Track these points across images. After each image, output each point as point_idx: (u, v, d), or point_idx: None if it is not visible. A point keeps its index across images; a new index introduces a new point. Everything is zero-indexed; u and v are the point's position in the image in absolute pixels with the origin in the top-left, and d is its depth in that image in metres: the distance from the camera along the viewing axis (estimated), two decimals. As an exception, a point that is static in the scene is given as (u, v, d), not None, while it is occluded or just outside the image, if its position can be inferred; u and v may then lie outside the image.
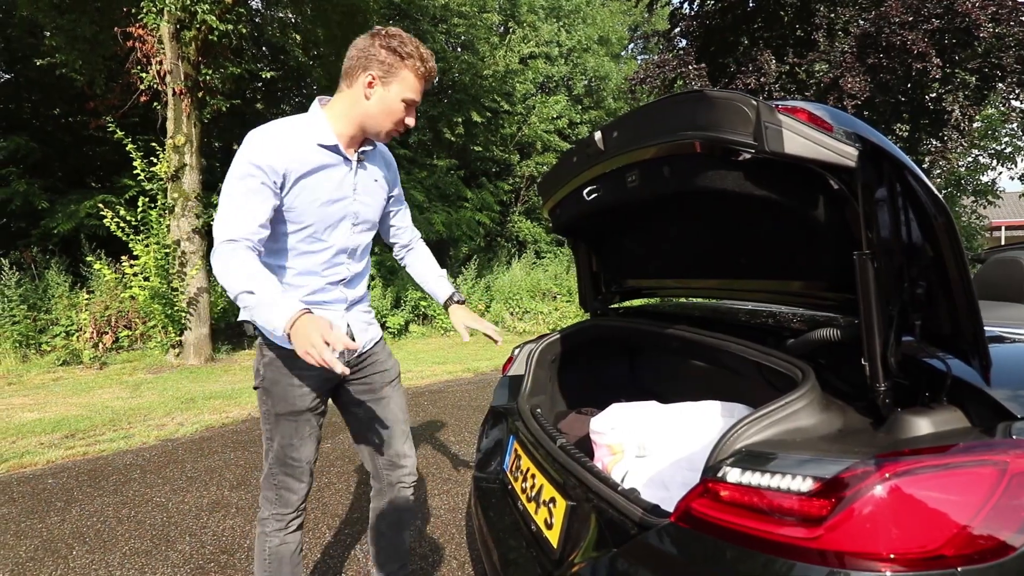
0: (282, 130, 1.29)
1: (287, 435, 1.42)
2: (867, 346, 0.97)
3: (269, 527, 1.48)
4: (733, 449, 0.93)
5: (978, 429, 0.90)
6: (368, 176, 1.44)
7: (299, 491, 1.48)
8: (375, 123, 1.33)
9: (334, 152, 1.34)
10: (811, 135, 0.93)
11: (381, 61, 1.27)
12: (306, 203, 1.32)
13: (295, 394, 1.40)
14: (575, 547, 1.15)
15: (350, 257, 1.45)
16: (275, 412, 1.41)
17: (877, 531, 0.76)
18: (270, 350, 1.38)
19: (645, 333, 1.84)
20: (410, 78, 1.30)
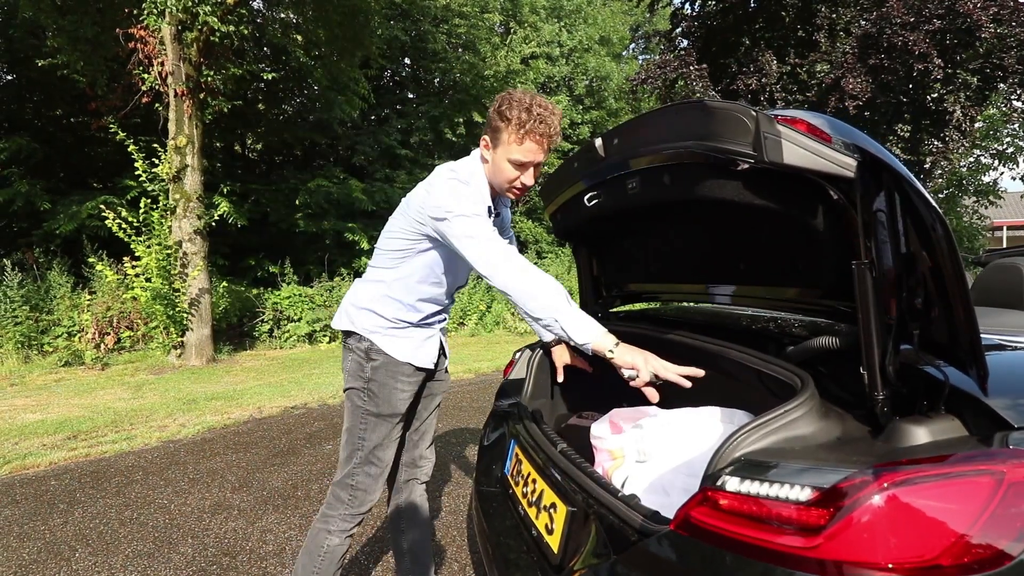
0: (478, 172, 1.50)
1: (382, 435, 1.53)
2: (865, 355, 0.97)
3: (335, 525, 1.53)
4: (732, 457, 0.93)
5: (976, 438, 0.91)
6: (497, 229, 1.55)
7: (375, 493, 1.56)
8: (493, 182, 1.49)
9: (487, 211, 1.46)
10: (810, 146, 0.93)
11: (492, 126, 1.42)
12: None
13: (398, 398, 1.52)
14: (575, 553, 1.16)
15: (458, 291, 1.68)
16: (377, 412, 1.51)
17: (875, 540, 0.77)
18: (378, 356, 1.50)
19: (646, 338, 1.84)
20: (509, 141, 1.38)
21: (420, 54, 12.76)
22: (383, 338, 1.51)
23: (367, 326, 1.51)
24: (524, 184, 1.46)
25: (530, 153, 1.39)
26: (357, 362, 1.51)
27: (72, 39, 6.76)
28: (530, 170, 1.43)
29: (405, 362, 1.51)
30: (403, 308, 1.52)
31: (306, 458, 3.41)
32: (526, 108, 1.34)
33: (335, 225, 9.60)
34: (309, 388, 5.34)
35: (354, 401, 1.53)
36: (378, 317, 1.51)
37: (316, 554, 1.54)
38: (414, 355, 1.54)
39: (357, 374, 1.52)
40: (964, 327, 0.91)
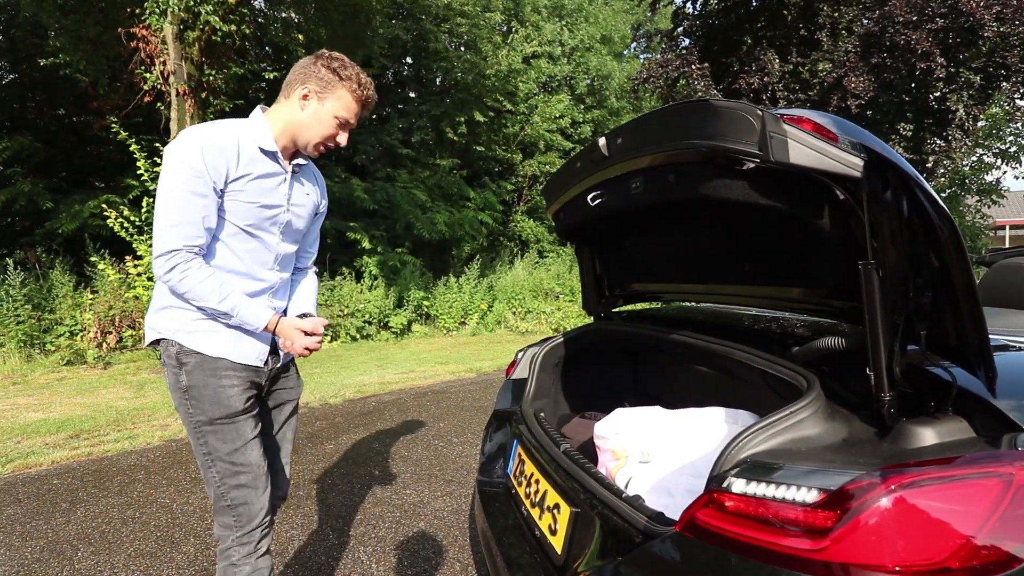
0: (226, 132, 1.31)
1: (228, 441, 1.35)
2: (872, 356, 0.97)
3: (236, 556, 1.37)
4: (738, 459, 0.93)
5: (983, 440, 0.90)
6: (302, 190, 1.48)
7: (259, 501, 1.38)
8: (305, 134, 1.38)
9: (273, 159, 1.37)
10: (816, 145, 0.93)
11: (320, 78, 1.35)
12: (241, 205, 1.34)
13: (227, 395, 1.35)
14: (579, 554, 1.16)
15: (278, 265, 1.46)
16: (210, 419, 1.34)
17: (882, 543, 0.76)
18: (189, 357, 1.33)
19: (649, 338, 1.84)
20: (346, 97, 1.36)
21: (421, 53, 12.75)
22: (190, 336, 1.33)
23: (171, 327, 1.34)
24: (339, 143, 1.42)
25: (354, 114, 1.39)
26: (172, 372, 1.35)
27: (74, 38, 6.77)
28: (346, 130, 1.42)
29: (220, 357, 1.34)
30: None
31: (307, 458, 3.41)
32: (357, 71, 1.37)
33: (336, 224, 9.59)
34: (310, 387, 5.34)
35: (185, 416, 1.36)
36: (180, 312, 1.34)
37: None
38: (231, 350, 1.36)
39: (176, 386, 1.35)
40: (972, 327, 0.91)
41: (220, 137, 1.29)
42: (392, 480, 3.04)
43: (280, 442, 1.58)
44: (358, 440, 3.75)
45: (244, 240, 1.37)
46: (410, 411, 4.51)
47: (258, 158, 1.34)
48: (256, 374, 1.42)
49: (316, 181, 1.56)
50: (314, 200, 1.53)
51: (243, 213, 1.34)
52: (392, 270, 9.68)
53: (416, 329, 9.31)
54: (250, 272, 1.40)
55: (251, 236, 1.38)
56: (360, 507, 2.72)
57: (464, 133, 12.44)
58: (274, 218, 1.40)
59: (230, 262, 1.37)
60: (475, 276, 10.33)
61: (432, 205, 11.15)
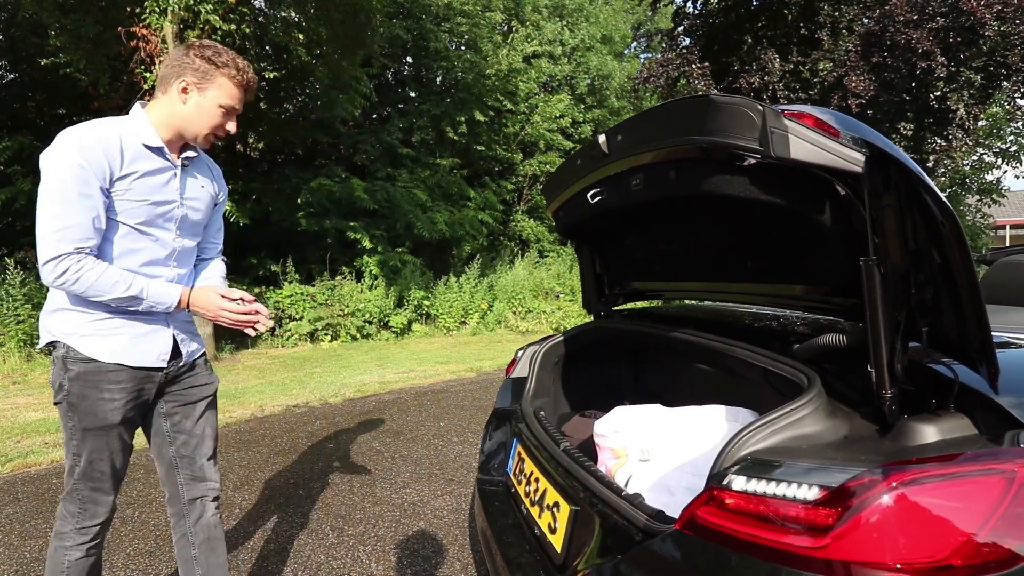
0: (106, 129, 1.29)
1: (97, 450, 1.37)
2: (873, 353, 0.96)
3: (70, 541, 1.41)
4: (738, 456, 0.92)
5: (985, 437, 0.89)
6: (195, 183, 1.47)
7: (106, 504, 1.43)
8: (192, 127, 1.37)
9: (159, 155, 1.37)
10: (817, 140, 0.92)
11: (196, 69, 1.33)
12: (130, 204, 1.32)
13: (105, 408, 1.35)
14: (579, 553, 1.15)
15: (176, 261, 1.46)
16: (82, 427, 1.35)
17: (884, 541, 0.76)
18: (75, 364, 1.32)
19: (649, 336, 1.83)
20: (226, 84, 1.35)
21: (422, 53, 12.74)
22: (83, 340, 1.32)
23: (64, 329, 1.33)
24: (228, 131, 1.42)
25: (238, 100, 1.39)
26: (57, 373, 1.35)
27: (74, 38, 6.76)
28: (233, 117, 1.41)
29: (114, 363, 1.34)
30: None
31: (307, 456, 3.41)
32: (232, 56, 1.36)
33: (337, 224, 9.58)
34: (311, 387, 5.34)
35: (61, 414, 1.38)
36: (73, 314, 1.33)
37: (58, 572, 1.42)
38: (127, 354, 1.35)
39: (58, 387, 1.35)
40: (975, 324, 0.90)
41: (100, 135, 1.27)
42: (392, 479, 3.04)
43: (200, 438, 1.57)
44: (358, 439, 3.75)
45: (137, 239, 1.36)
46: (410, 410, 4.50)
47: (143, 154, 1.33)
48: (151, 378, 1.42)
49: (211, 172, 1.55)
50: (210, 192, 1.53)
51: (134, 211, 1.33)
52: (392, 270, 9.67)
53: (416, 329, 9.31)
54: (145, 271, 1.38)
55: (144, 234, 1.37)
56: (360, 506, 2.71)
57: (464, 133, 12.42)
58: (168, 214, 1.40)
59: (123, 262, 1.35)
60: (475, 276, 10.32)
61: (432, 205, 11.14)
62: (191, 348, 1.53)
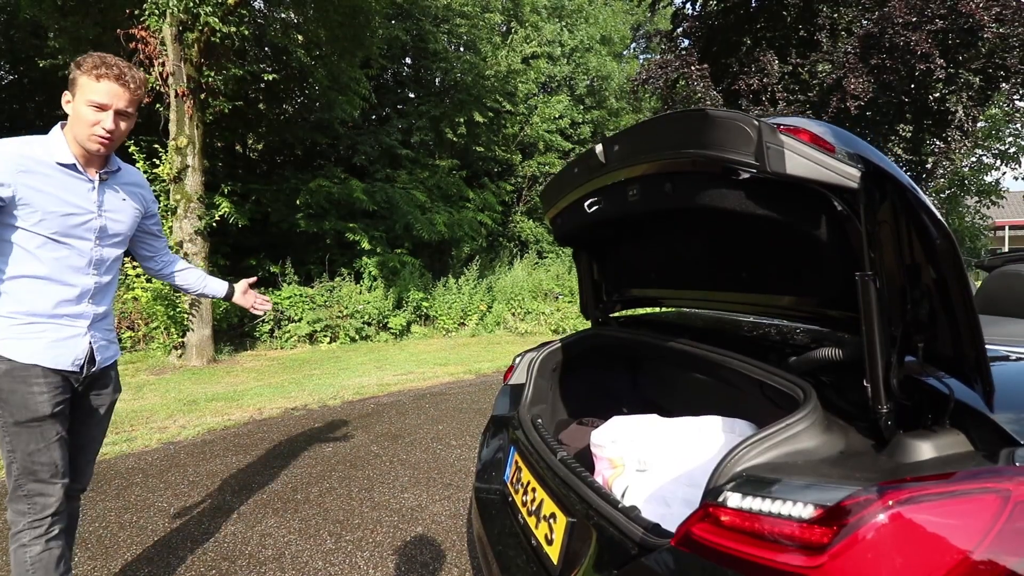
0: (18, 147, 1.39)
1: (32, 442, 1.44)
2: (869, 367, 0.96)
3: (27, 537, 1.47)
4: (734, 472, 0.92)
5: (981, 454, 0.89)
6: (115, 195, 1.58)
7: (54, 493, 1.49)
8: (77, 132, 1.45)
9: (72, 170, 1.46)
10: (813, 156, 0.92)
11: (70, 80, 1.44)
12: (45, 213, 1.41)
13: (36, 400, 1.43)
14: (575, 565, 1.15)
15: (96, 269, 1.55)
16: (15, 421, 1.43)
17: (880, 559, 0.76)
18: (1, 362, 1.41)
19: (647, 344, 1.83)
20: (87, 82, 1.41)
21: (421, 54, 12.74)
22: (3, 343, 1.42)
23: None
24: (106, 128, 1.44)
25: (108, 95, 1.42)
26: None
27: (73, 39, 6.76)
28: (110, 113, 1.43)
29: (31, 364, 1.43)
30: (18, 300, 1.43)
31: (305, 460, 3.41)
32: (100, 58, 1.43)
33: (336, 225, 9.58)
34: (309, 389, 5.34)
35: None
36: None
37: (24, 572, 1.46)
38: (44, 356, 1.45)
39: None
40: (969, 341, 0.90)
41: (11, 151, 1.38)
42: (390, 484, 3.04)
43: (88, 442, 1.67)
44: (356, 443, 3.75)
45: (54, 248, 1.45)
46: (409, 413, 4.50)
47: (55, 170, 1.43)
48: (69, 380, 1.51)
49: (135, 186, 1.66)
50: (133, 204, 1.64)
51: (47, 223, 1.41)
52: (391, 271, 9.67)
53: (415, 330, 9.31)
54: (61, 278, 1.47)
55: (60, 243, 1.45)
56: (358, 511, 2.71)
57: (463, 134, 12.42)
58: (84, 224, 1.49)
59: (36, 270, 1.43)
60: (474, 277, 10.32)
61: (431, 206, 11.14)
62: (106, 355, 1.63)
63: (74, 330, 1.51)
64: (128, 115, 1.48)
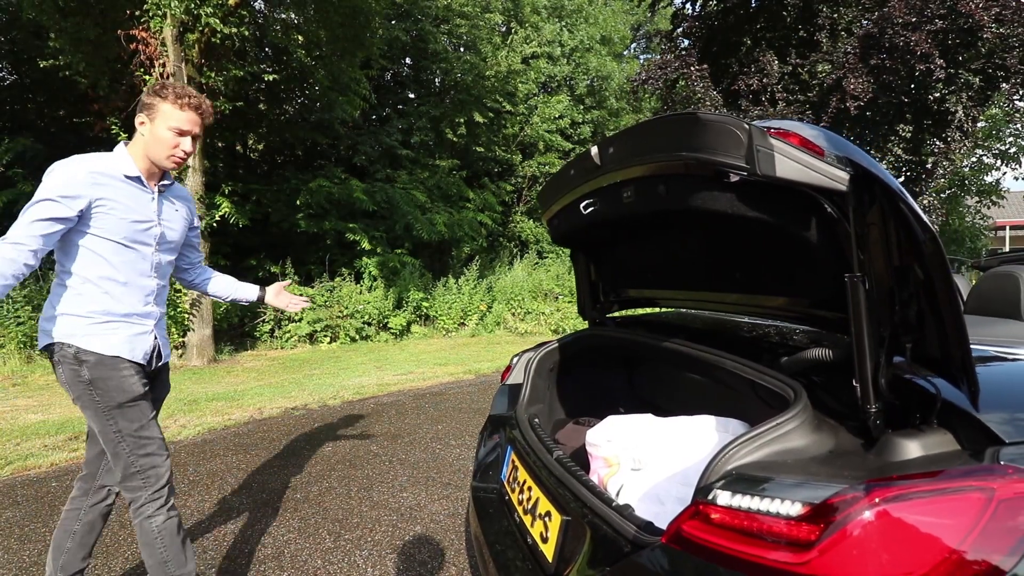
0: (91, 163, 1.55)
1: (135, 419, 1.58)
2: (858, 367, 0.98)
3: (150, 509, 1.60)
4: (724, 470, 0.94)
5: (967, 453, 0.91)
6: (171, 206, 1.74)
7: (164, 464, 1.64)
8: (154, 154, 1.61)
9: (137, 182, 1.62)
10: (802, 159, 0.94)
11: (147, 104, 1.59)
12: (116, 220, 1.56)
13: (129, 383, 1.58)
14: (570, 562, 1.16)
15: (156, 272, 1.71)
16: (117, 404, 1.56)
17: (866, 556, 0.77)
18: (88, 356, 1.54)
19: (643, 344, 1.85)
20: (168, 110, 1.58)
21: (421, 54, 12.76)
22: (86, 339, 1.54)
23: (65, 331, 1.55)
24: (185, 151, 1.63)
25: (186, 122, 1.60)
26: (71, 369, 1.54)
27: (74, 40, 6.78)
28: (188, 138, 1.62)
29: (115, 356, 1.57)
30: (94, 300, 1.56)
31: (306, 460, 3.42)
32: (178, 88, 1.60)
33: (336, 225, 9.61)
34: (310, 389, 5.36)
35: (90, 404, 1.55)
36: (72, 318, 1.55)
37: (151, 541, 1.60)
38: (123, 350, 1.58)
39: (76, 380, 1.54)
40: (955, 341, 0.91)
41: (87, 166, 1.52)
42: (389, 483, 3.05)
43: None
44: (356, 442, 3.76)
45: (121, 253, 1.59)
46: (408, 413, 4.52)
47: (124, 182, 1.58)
48: (142, 370, 1.65)
49: (185, 200, 1.82)
50: (183, 215, 1.80)
51: (117, 230, 1.57)
52: (391, 271, 9.69)
53: (415, 330, 9.32)
54: (130, 281, 1.62)
55: (127, 248, 1.60)
56: (357, 510, 2.73)
57: (463, 134, 12.45)
58: (147, 231, 1.64)
59: (108, 272, 1.58)
60: (474, 277, 10.34)
61: (431, 206, 11.16)
62: (165, 352, 1.78)
63: (142, 328, 1.66)
64: (199, 137, 1.68)
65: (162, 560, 1.62)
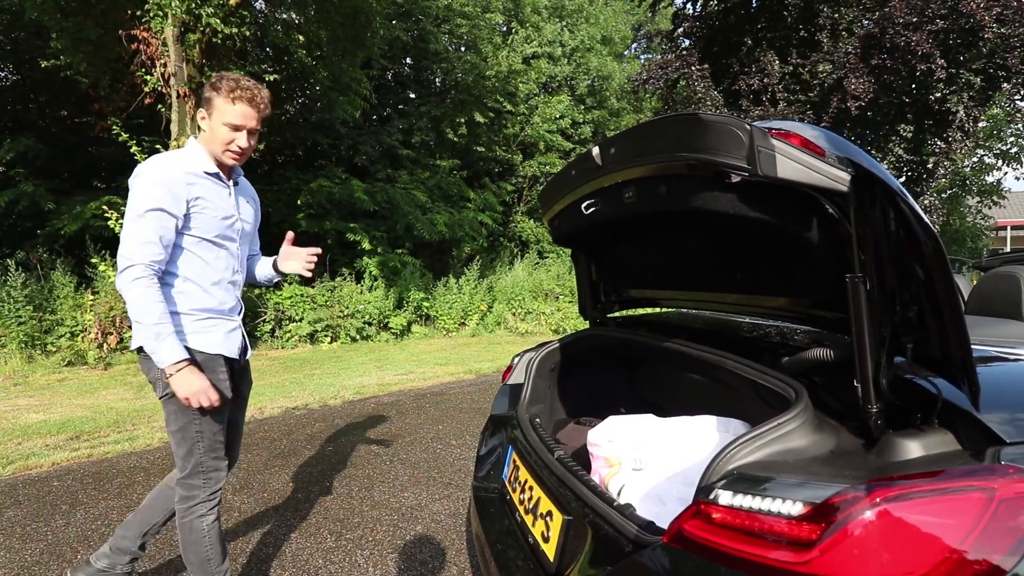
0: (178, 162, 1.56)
1: (219, 422, 1.65)
2: (859, 367, 0.98)
3: (203, 509, 1.67)
4: (725, 470, 0.94)
5: (968, 453, 0.91)
6: (244, 199, 1.78)
7: (223, 468, 1.71)
8: (212, 148, 1.61)
9: (216, 178, 1.64)
10: (803, 160, 0.94)
11: (205, 99, 1.59)
12: (209, 219, 1.61)
13: (223, 386, 1.63)
14: (571, 562, 1.17)
15: (240, 267, 1.77)
16: None
17: (867, 556, 0.77)
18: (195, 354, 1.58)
19: (644, 345, 1.85)
20: (223, 104, 1.56)
21: (422, 54, 12.76)
22: (191, 336, 1.59)
23: None
24: (240, 146, 1.61)
25: (242, 116, 1.57)
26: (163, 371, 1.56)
27: (75, 40, 6.79)
28: (244, 132, 1.60)
29: (216, 354, 1.63)
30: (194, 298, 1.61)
31: (305, 460, 3.43)
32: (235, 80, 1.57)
33: (337, 225, 9.61)
34: (310, 388, 5.36)
35: (177, 404, 1.56)
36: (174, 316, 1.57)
37: (201, 539, 1.67)
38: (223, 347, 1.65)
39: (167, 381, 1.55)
40: (956, 342, 0.91)
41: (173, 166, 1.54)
42: (390, 483, 3.06)
43: (237, 424, 1.88)
44: (357, 442, 3.77)
45: (213, 249, 1.63)
46: (409, 413, 4.52)
47: (206, 179, 1.61)
48: (232, 368, 1.71)
49: (251, 191, 1.85)
50: (253, 208, 1.83)
51: (208, 227, 1.60)
52: (392, 271, 9.69)
53: (416, 330, 9.33)
54: (222, 277, 1.67)
55: (218, 245, 1.64)
56: (358, 510, 2.73)
57: (464, 134, 12.44)
58: (232, 226, 1.68)
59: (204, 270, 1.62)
60: (475, 277, 10.34)
61: (432, 206, 11.17)
62: (249, 345, 1.85)
63: (234, 323, 1.72)
64: (257, 131, 1.65)
65: (206, 558, 1.68)
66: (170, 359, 1.47)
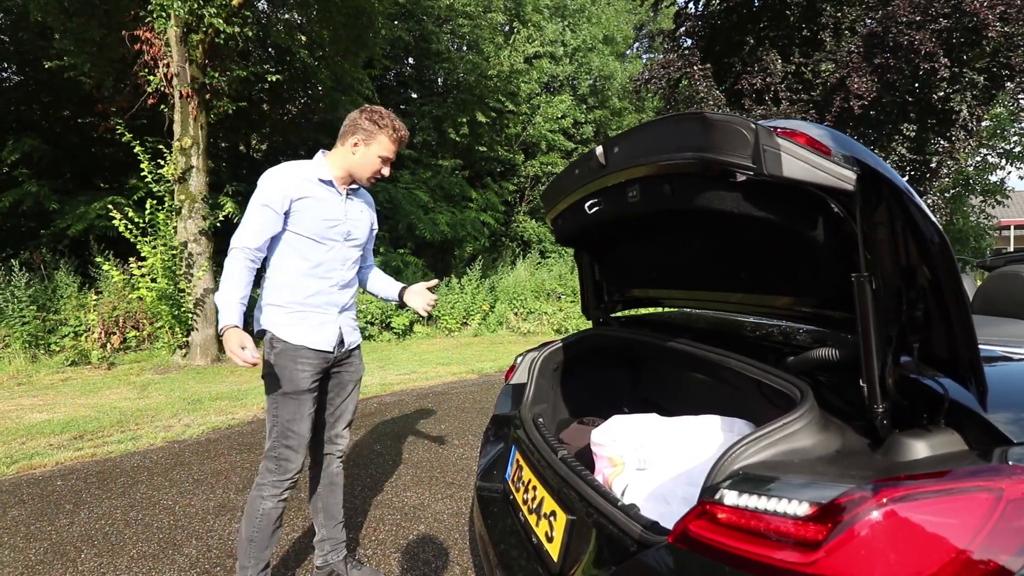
0: (293, 168, 1.78)
1: (290, 411, 1.76)
2: (865, 367, 0.97)
3: (267, 491, 1.79)
4: (731, 470, 0.93)
5: (975, 453, 0.90)
6: (355, 207, 1.93)
7: (296, 462, 1.80)
8: (359, 172, 1.84)
9: (330, 185, 1.83)
10: (809, 159, 0.93)
11: (365, 129, 1.79)
12: (311, 219, 1.78)
13: (298, 377, 1.75)
14: (575, 562, 1.16)
15: (342, 266, 1.89)
16: (283, 392, 1.75)
17: (874, 556, 0.77)
18: (278, 343, 1.76)
19: (647, 344, 1.84)
20: (384, 141, 1.81)
21: (424, 54, 12.77)
22: (280, 328, 1.77)
23: (269, 320, 1.79)
24: (383, 174, 1.87)
25: (393, 152, 1.84)
26: (266, 351, 1.78)
27: (79, 41, 6.81)
28: (388, 165, 1.86)
29: (300, 345, 1.76)
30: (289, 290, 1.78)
31: (309, 460, 3.43)
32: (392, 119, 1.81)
33: (339, 225, 9.61)
34: (313, 389, 5.36)
35: (267, 387, 1.78)
36: (273, 309, 1.78)
37: (254, 517, 1.79)
38: (309, 339, 1.78)
39: (264, 362, 1.77)
40: (963, 342, 0.91)
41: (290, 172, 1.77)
42: (393, 482, 3.06)
43: (343, 412, 2.01)
44: (359, 441, 3.77)
45: (313, 247, 1.80)
46: (411, 412, 4.52)
47: (318, 184, 1.80)
48: (326, 359, 1.84)
49: (369, 205, 2.02)
50: (368, 217, 1.99)
51: (312, 226, 1.78)
52: (394, 271, 9.70)
53: (418, 330, 9.33)
54: (318, 273, 1.82)
55: (318, 244, 1.81)
56: (360, 509, 2.73)
57: (466, 134, 12.45)
58: (336, 228, 1.84)
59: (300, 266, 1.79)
60: (477, 277, 10.34)
61: (434, 206, 11.17)
62: (352, 339, 1.96)
63: (328, 316, 1.84)
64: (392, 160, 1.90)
65: (250, 537, 1.79)
66: (222, 322, 1.62)
